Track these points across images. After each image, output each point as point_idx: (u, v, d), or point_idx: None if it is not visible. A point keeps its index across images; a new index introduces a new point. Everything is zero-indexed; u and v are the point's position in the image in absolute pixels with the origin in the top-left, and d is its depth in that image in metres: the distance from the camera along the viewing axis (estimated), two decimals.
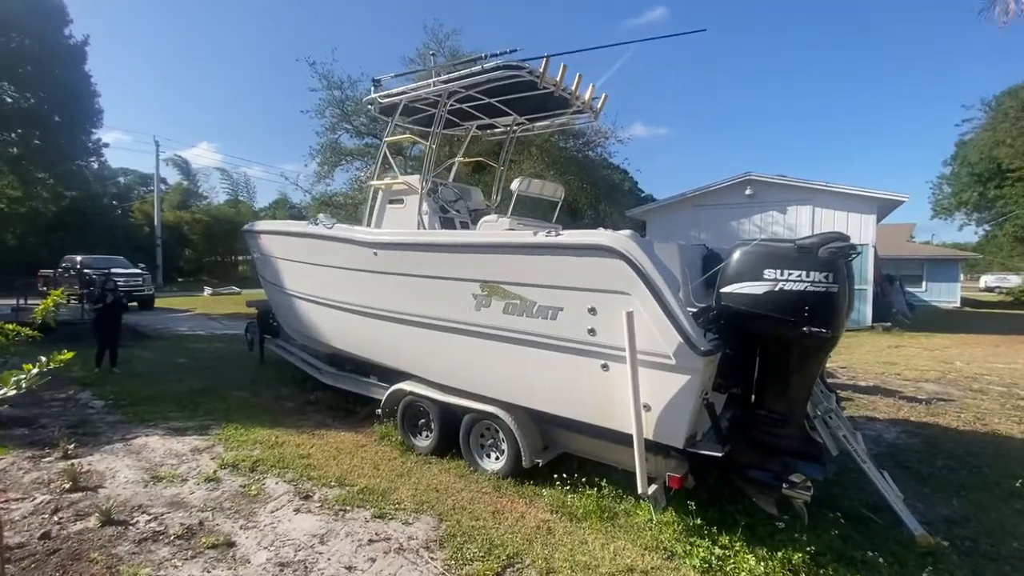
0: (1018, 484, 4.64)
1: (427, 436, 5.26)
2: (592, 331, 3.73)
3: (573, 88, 5.60)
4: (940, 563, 3.45)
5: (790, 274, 3.26)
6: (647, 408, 3.55)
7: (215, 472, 4.68)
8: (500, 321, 4.22)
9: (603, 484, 4.26)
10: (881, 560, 3.41)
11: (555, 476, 4.40)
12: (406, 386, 5.31)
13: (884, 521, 3.94)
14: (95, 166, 25.56)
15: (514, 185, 5.13)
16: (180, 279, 39.99)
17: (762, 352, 3.58)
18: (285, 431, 5.88)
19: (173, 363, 9.91)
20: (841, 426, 4.13)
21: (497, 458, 4.73)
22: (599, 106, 6.05)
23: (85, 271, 17.33)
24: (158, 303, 21.91)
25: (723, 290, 3.55)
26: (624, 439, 3.70)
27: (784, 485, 3.48)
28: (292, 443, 5.49)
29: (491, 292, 4.26)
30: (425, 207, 5.66)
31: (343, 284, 5.75)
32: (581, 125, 6.46)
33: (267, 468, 4.81)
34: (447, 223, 5.81)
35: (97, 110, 20.82)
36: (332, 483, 4.51)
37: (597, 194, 22.06)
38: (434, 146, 5.72)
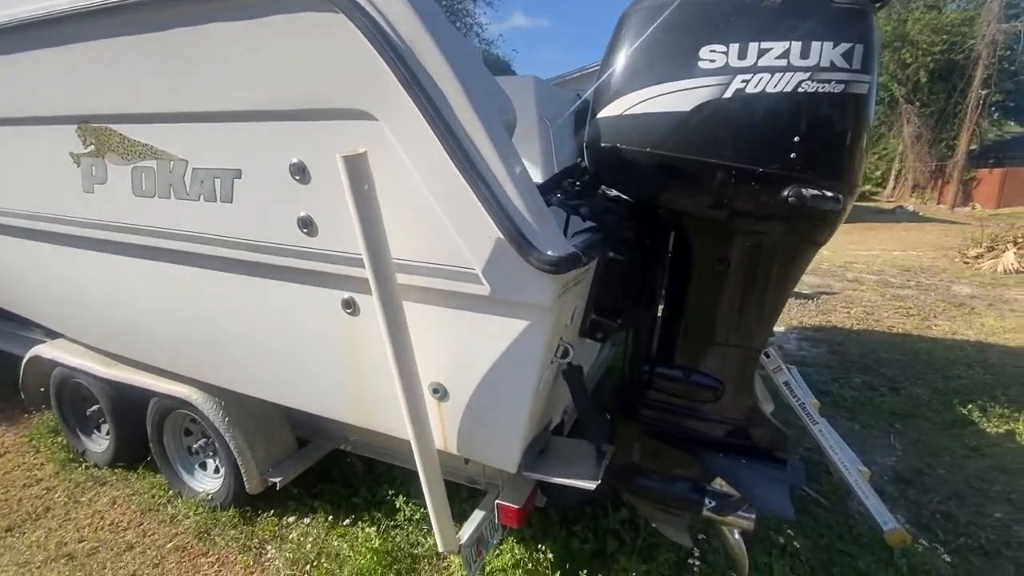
0: (956, 406, 3.66)
1: (105, 435, 2.93)
2: (307, 225, 1.54)
3: None
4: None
5: (765, 51, 1.29)
6: (438, 394, 1.57)
7: None
8: (131, 212, 1.86)
9: (399, 504, 2.36)
10: None
11: (316, 491, 2.43)
12: (47, 351, 2.83)
13: (831, 504, 2.60)
14: None
15: None
16: None
17: (681, 249, 1.69)
18: None
19: None
20: (782, 366, 2.54)
21: (217, 470, 2.59)
22: None
23: None
24: None
25: (603, 115, 1.52)
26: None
27: (708, 502, 1.80)
28: None
29: (100, 144, 1.84)
30: None
31: None
32: None
33: None
34: None
35: None
36: None
37: None
38: None
